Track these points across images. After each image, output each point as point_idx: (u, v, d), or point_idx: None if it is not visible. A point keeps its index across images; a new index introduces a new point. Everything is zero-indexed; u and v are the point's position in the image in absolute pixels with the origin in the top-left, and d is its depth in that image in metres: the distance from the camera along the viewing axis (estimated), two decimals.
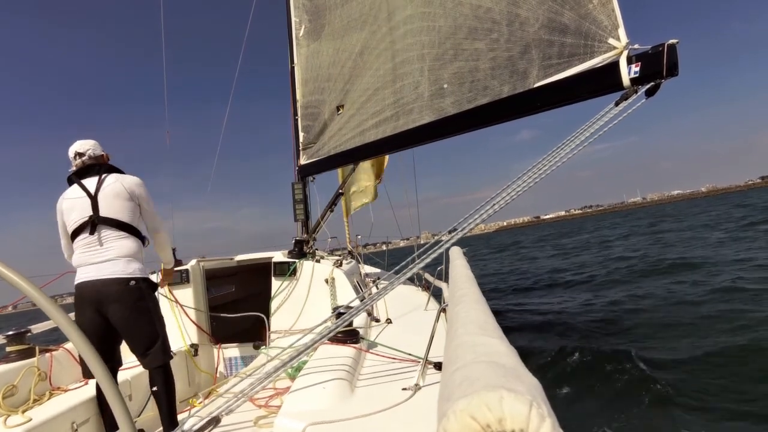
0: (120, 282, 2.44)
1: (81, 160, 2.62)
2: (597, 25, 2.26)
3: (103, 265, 2.45)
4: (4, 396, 2.45)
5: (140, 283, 2.51)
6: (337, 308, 2.54)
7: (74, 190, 2.57)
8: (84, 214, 2.50)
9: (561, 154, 1.92)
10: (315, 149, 4.68)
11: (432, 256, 1.95)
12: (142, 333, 2.50)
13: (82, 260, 2.48)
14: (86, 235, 2.48)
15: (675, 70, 1.94)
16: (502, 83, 2.73)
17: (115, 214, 2.52)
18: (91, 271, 2.44)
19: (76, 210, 2.52)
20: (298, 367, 2.28)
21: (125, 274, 2.46)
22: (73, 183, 2.60)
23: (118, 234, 2.52)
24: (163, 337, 2.58)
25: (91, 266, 2.45)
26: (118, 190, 2.55)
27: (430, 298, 3.78)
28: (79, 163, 2.63)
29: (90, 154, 2.64)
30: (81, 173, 2.60)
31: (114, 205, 2.53)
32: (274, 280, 4.10)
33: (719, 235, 16.45)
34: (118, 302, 2.42)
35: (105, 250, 2.47)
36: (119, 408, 1.29)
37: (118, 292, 2.43)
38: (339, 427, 1.54)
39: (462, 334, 1.07)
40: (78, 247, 2.51)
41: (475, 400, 0.64)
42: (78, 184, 2.57)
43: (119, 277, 2.44)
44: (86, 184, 2.56)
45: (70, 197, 2.56)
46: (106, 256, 2.46)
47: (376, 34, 3.83)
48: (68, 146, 2.65)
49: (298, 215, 4.91)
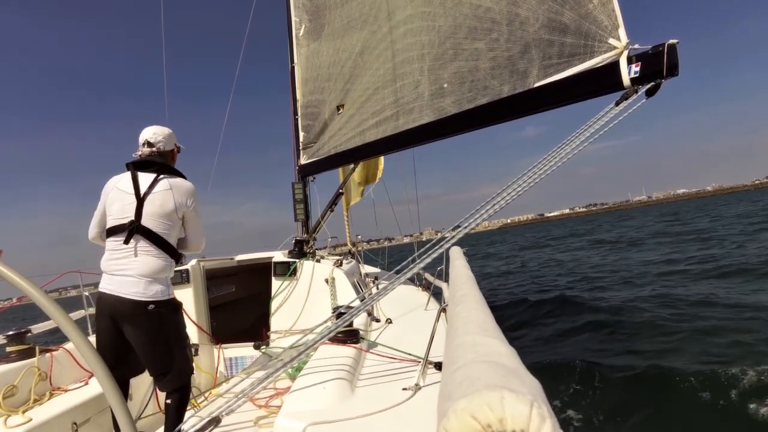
0: (138, 305, 2.28)
1: (149, 150, 2.48)
2: (597, 25, 2.26)
3: (125, 281, 2.29)
4: (4, 396, 2.44)
5: (160, 307, 2.33)
6: (337, 308, 2.54)
7: (127, 183, 2.41)
8: (126, 213, 2.35)
9: (562, 153, 1.92)
10: (315, 149, 4.68)
11: (433, 255, 1.95)
12: (157, 359, 2.36)
13: (108, 267, 2.35)
14: (120, 240, 2.33)
15: (675, 70, 1.94)
16: (502, 83, 2.73)
17: (156, 226, 2.36)
18: (113, 284, 2.31)
19: (119, 204, 2.37)
20: (299, 367, 2.28)
21: (144, 297, 2.29)
22: (129, 170, 2.44)
23: (151, 249, 2.35)
24: (181, 363, 2.42)
25: (115, 277, 2.31)
26: (166, 199, 2.38)
27: (430, 298, 3.78)
28: (145, 152, 2.48)
29: (160, 147, 2.50)
30: (141, 165, 2.45)
31: (157, 216, 2.36)
32: (274, 280, 4.10)
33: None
34: (134, 325, 2.30)
35: (133, 265, 2.31)
36: (120, 409, 1.29)
37: (135, 315, 2.29)
38: (339, 427, 1.54)
39: (462, 334, 1.07)
40: (108, 249, 2.38)
41: (477, 400, 0.64)
42: (133, 176, 2.41)
43: (137, 300, 2.28)
44: (141, 179, 2.41)
45: (121, 188, 2.41)
46: (131, 271, 2.30)
47: (376, 34, 3.83)
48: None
49: (299, 215, 4.91)
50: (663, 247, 16.78)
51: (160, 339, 2.34)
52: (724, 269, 10.35)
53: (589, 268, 14.63)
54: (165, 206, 2.38)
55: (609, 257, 16.78)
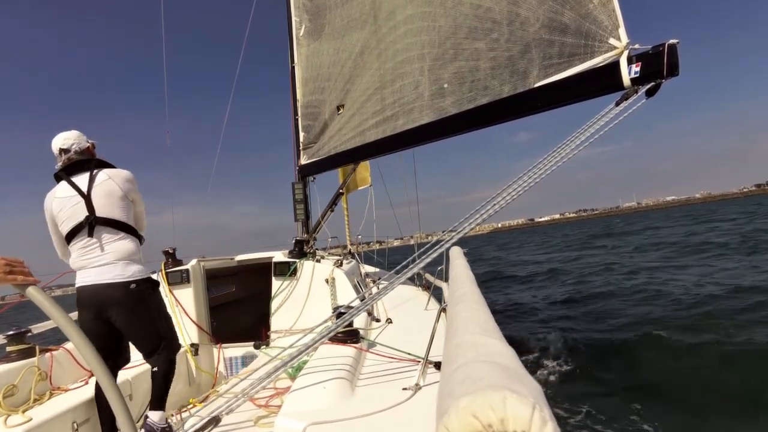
0: (120, 286, 2.38)
1: (66, 156, 2.48)
2: (597, 25, 2.26)
3: (103, 269, 2.39)
4: (4, 396, 2.44)
5: (141, 285, 2.45)
6: (337, 308, 2.54)
7: (64, 189, 2.43)
8: (79, 214, 2.39)
9: (562, 153, 1.92)
10: (315, 149, 4.68)
11: (432, 256, 1.95)
12: (145, 335, 2.48)
13: (81, 264, 2.42)
14: (84, 237, 2.40)
15: (675, 70, 1.94)
16: (503, 83, 2.73)
17: (112, 213, 2.43)
18: (90, 275, 2.39)
19: (68, 210, 2.41)
20: (299, 366, 2.28)
21: (125, 277, 2.40)
22: (61, 180, 2.46)
23: (116, 235, 2.44)
24: (169, 337, 2.55)
25: (91, 270, 2.40)
26: (111, 187, 2.44)
27: (430, 298, 3.78)
28: (65, 159, 2.49)
29: (75, 149, 2.50)
30: (70, 170, 2.47)
31: (109, 204, 2.42)
32: (274, 280, 4.10)
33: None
34: (120, 306, 2.39)
35: (104, 253, 2.40)
36: (120, 408, 1.29)
37: (119, 297, 2.38)
38: (339, 427, 1.54)
39: (463, 333, 1.07)
40: (75, 250, 2.43)
41: (479, 399, 0.64)
42: (67, 182, 2.43)
43: (119, 281, 2.39)
44: (77, 181, 2.43)
45: (60, 196, 2.43)
46: (105, 260, 2.40)
47: (376, 34, 3.82)
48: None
49: (299, 215, 4.91)
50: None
51: (145, 315, 2.47)
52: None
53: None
54: (113, 194, 2.45)
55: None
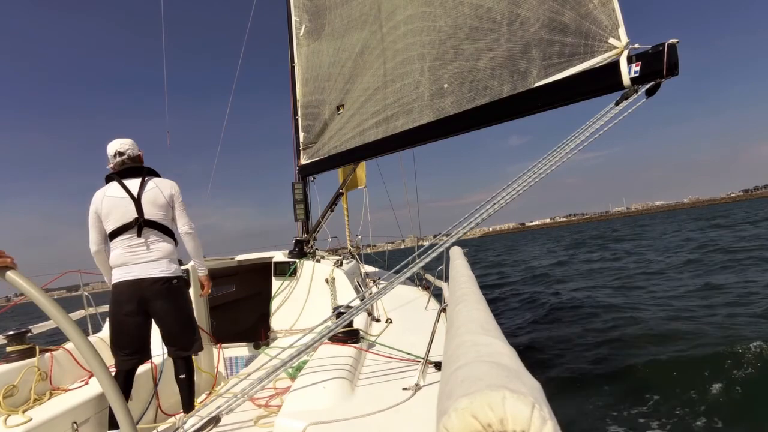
0: (165, 281, 2.71)
1: (122, 159, 2.79)
2: (597, 25, 2.26)
3: (148, 265, 2.68)
4: (4, 396, 2.44)
5: (180, 282, 2.80)
6: (337, 308, 2.54)
7: (116, 189, 2.71)
8: (128, 214, 2.67)
9: (561, 153, 1.92)
10: (315, 149, 4.68)
11: (432, 256, 1.95)
12: (182, 326, 2.79)
13: (125, 259, 2.68)
14: (132, 236, 2.68)
15: (675, 69, 1.94)
16: (503, 83, 2.73)
17: (157, 217, 2.74)
18: (135, 271, 2.66)
19: (118, 209, 2.68)
20: (299, 366, 2.28)
21: (169, 273, 2.73)
22: (112, 181, 2.75)
23: (161, 237, 2.76)
24: (196, 328, 2.91)
25: (135, 266, 2.67)
26: (158, 195, 2.76)
27: (430, 297, 3.78)
28: (120, 162, 2.78)
29: (129, 153, 2.81)
30: (123, 173, 2.76)
31: (155, 209, 2.74)
32: (274, 280, 4.10)
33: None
34: (163, 299, 2.69)
35: (150, 252, 2.70)
36: (120, 408, 1.29)
37: (163, 290, 2.69)
38: (339, 427, 1.54)
39: (464, 333, 1.07)
40: (119, 246, 2.69)
41: (478, 399, 0.64)
42: (119, 184, 2.72)
43: (165, 276, 2.71)
44: (128, 185, 2.73)
45: (112, 195, 2.70)
46: (151, 257, 2.70)
47: (376, 34, 3.82)
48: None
49: (299, 215, 4.91)
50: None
51: (184, 307, 2.84)
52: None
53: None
54: (158, 201, 2.76)
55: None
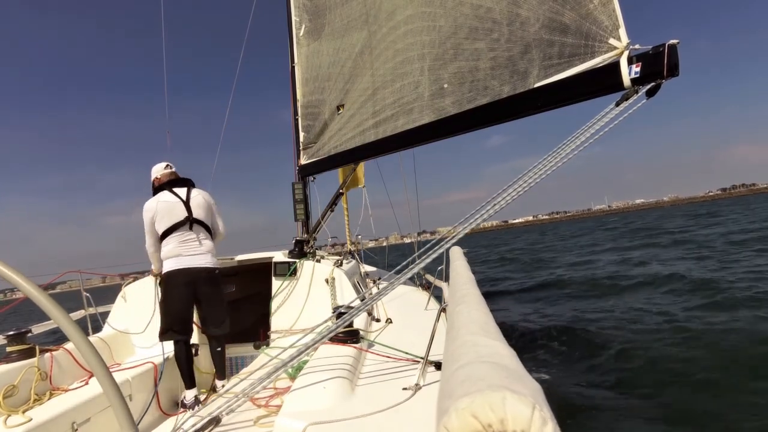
0: (211, 270, 3.34)
1: (170, 170, 3.46)
2: (598, 26, 2.26)
3: (198, 257, 3.27)
4: (4, 396, 2.44)
5: (219, 273, 3.44)
6: (337, 308, 2.54)
7: (168, 195, 3.29)
8: (180, 215, 3.24)
9: (562, 154, 1.92)
10: (315, 149, 4.68)
11: (432, 256, 1.95)
12: (221, 308, 3.40)
13: (178, 251, 3.23)
14: (185, 231, 3.25)
15: (675, 70, 1.93)
16: (503, 83, 2.73)
17: (203, 218, 3.34)
18: (186, 261, 3.22)
19: (173, 211, 3.23)
20: (299, 366, 2.27)
21: (213, 264, 3.36)
22: (163, 190, 3.33)
23: (206, 234, 3.37)
24: (228, 312, 3.47)
25: (186, 257, 3.23)
26: (201, 200, 3.38)
27: (430, 298, 3.78)
28: (170, 173, 3.44)
29: (174, 169, 3.51)
30: (172, 183, 3.37)
31: (201, 211, 3.34)
32: (274, 280, 4.10)
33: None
34: (209, 285, 3.30)
35: (200, 246, 3.30)
36: (120, 407, 1.28)
37: (210, 278, 3.31)
38: (339, 427, 1.54)
39: (464, 334, 1.07)
40: (173, 241, 3.22)
41: (479, 399, 0.64)
42: (170, 191, 3.32)
43: (211, 267, 3.33)
44: (178, 192, 3.33)
45: (164, 200, 3.26)
46: (201, 250, 3.29)
47: (376, 34, 3.82)
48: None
49: (299, 215, 4.91)
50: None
51: (221, 294, 3.47)
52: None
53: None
54: (202, 205, 3.38)
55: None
